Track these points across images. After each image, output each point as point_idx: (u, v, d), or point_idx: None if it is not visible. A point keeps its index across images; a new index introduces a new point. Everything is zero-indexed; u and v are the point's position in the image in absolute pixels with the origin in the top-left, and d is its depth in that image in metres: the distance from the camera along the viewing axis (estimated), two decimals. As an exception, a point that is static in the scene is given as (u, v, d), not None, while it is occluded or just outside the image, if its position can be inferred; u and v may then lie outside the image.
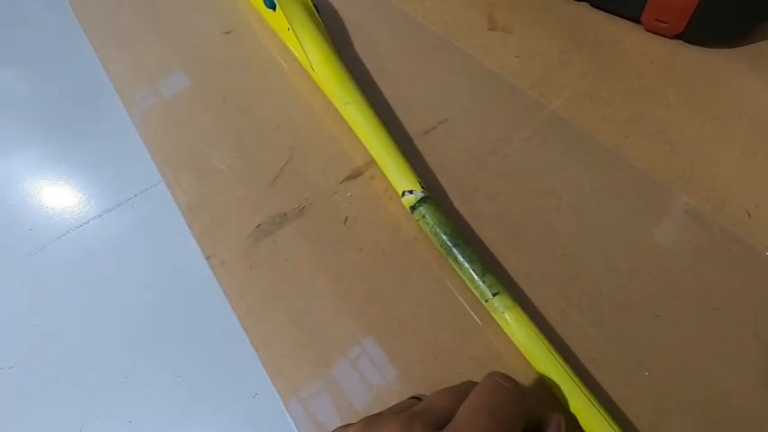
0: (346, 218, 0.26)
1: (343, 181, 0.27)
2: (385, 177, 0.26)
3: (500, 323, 0.21)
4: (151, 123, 0.33)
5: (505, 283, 0.22)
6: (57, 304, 1.03)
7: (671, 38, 0.32)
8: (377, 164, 0.27)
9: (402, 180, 0.25)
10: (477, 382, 0.15)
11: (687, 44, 0.32)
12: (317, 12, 0.35)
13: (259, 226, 0.26)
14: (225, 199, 0.28)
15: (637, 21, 0.33)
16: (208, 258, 0.25)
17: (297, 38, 0.31)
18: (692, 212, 0.24)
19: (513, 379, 0.15)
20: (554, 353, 0.19)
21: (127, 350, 0.96)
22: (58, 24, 1.64)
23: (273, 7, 0.33)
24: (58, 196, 1.22)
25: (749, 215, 0.23)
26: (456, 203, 0.26)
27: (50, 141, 1.34)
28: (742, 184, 0.25)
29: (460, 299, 0.23)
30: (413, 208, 0.24)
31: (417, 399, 0.17)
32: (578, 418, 0.18)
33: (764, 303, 0.21)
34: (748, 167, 0.25)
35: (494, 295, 0.21)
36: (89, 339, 0.98)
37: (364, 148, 0.28)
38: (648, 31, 0.33)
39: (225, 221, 0.27)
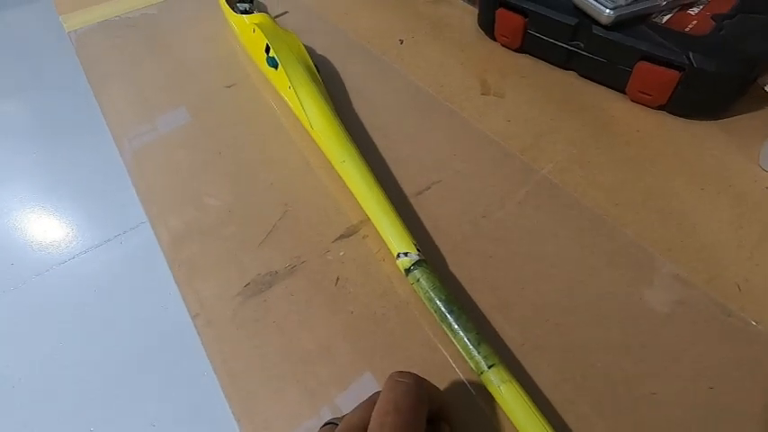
0: (338, 278, 0.26)
1: (336, 239, 0.27)
2: (379, 237, 0.26)
3: (495, 396, 0.20)
4: (142, 167, 0.33)
5: (499, 351, 0.21)
6: (28, 345, 0.99)
7: (655, 108, 0.34)
8: (371, 222, 0.27)
9: (398, 241, 0.25)
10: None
11: (670, 114, 0.33)
12: (318, 71, 0.36)
13: (248, 284, 0.26)
14: (214, 254, 0.27)
15: (622, 92, 0.35)
16: (194, 317, 0.24)
17: (297, 96, 0.32)
18: (683, 283, 0.24)
19: (410, 373, 0.17)
20: (550, 430, 0.19)
21: (100, 396, 0.91)
22: (57, 60, 1.68)
23: (276, 66, 0.35)
24: (44, 230, 1.20)
25: (739, 288, 0.24)
26: (450, 267, 0.26)
27: (40, 174, 1.34)
28: (730, 256, 0.25)
29: (454, 366, 0.22)
30: (407, 271, 0.24)
31: (334, 423, 0.18)
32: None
33: (760, 381, 0.21)
34: (735, 239, 0.26)
35: (489, 367, 0.20)
36: (61, 382, 0.93)
37: (359, 206, 0.28)
38: (633, 101, 0.34)
39: (213, 278, 0.26)
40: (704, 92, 0.31)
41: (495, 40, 0.41)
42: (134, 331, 0.99)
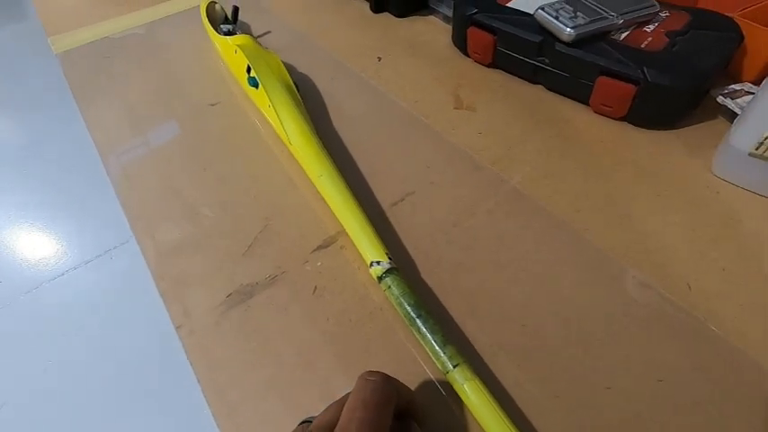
0: (315, 287, 0.27)
1: (314, 250, 0.29)
2: (354, 247, 0.28)
3: (459, 394, 0.22)
4: (128, 183, 0.35)
5: (467, 353, 0.23)
6: (17, 364, 0.98)
7: (616, 120, 0.36)
8: (347, 233, 0.28)
9: (370, 251, 0.26)
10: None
11: (631, 125, 0.35)
12: (298, 89, 0.38)
13: (230, 295, 0.27)
14: (198, 266, 0.29)
15: (586, 104, 0.37)
16: (177, 328, 0.25)
17: (276, 114, 0.34)
18: (639, 284, 0.26)
19: (378, 372, 0.18)
20: (510, 425, 0.20)
21: (89, 414, 0.90)
22: (44, 78, 1.69)
23: (256, 85, 0.36)
24: (33, 247, 1.20)
25: (689, 287, 0.25)
26: (422, 274, 0.27)
27: (28, 191, 1.34)
28: (682, 257, 0.27)
29: (425, 368, 0.23)
30: (380, 278, 0.25)
31: (308, 421, 0.19)
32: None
33: (705, 373, 0.22)
34: (688, 241, 0.28)
35: (454, 367, 0.22)
36: (49, 400, 0.92)
37: (336, 218, 0.29)
38: (596, 113, 0.36)
39: (197, 289, 0.27)
40: (659, 104, 0.33)
41: (468, 56, 0.43)
42: (126, 348, 0.99)
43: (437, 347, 0.22)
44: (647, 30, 0.35)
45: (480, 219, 0.30)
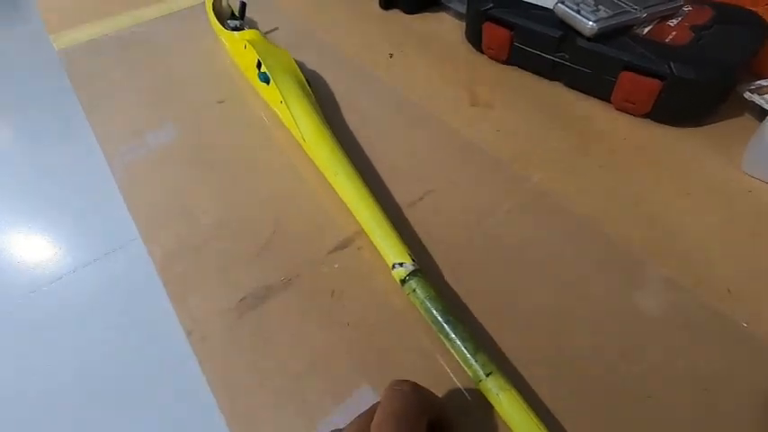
0: (333, 291, 0.26)
1: (331, 252, 0.27)
2: (373, 248, 0.26)
3: (494, 404, 0.20)
4: (133, 183, 0.33)
5: (498, 360, 0.21)
6: (17, 367, 0.96)
7: (639, 117, 0.35)
8: (365, 234, 0.27)
9: (392, 252, 0.25)
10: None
11: (655, 122, 0.34)
12: (309, 85, 0.36)
13: (243, 299, 0.25)
14: (208, 269, 0.27)
15: (608, 101, 0.36)
16: (188, 334, 0.24)
17: (289, 110, 0.33)
18: (673, 287, 0.25)
19: (407, 381, 0.17)
20: (549, 439, 0.19)
21: (91, 418, 0.89)
22: (46, 78, 1.67)
23: (267, 81, 0.35)
24: (33, 250, 1.18)
25: (729, 290, 0.24)
26: (445, 275, 0.26)
27: (28, 193, 1.32)
28: (717, 258, 0.26)
29: (452, 375, 0.22)
30: (403, 281, 0.24)
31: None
32: None
33: (752, 382, 0.21)
34: (722, 242, 0.26)
35: (487, 375, 0.20)
36: (50, 404, 0.91)
37: (353, 217, 0.28)
38: (618, 110, 0.35)
39: (207, 294, 0.26)
40: (686, 100, 0.32)
41: (482, 52, 0.42)
42: (127, 351, 0.97)
43: (468, 355, 0.21)
44: (671, 24, 0.34)
45: (501, 218, 0.29)
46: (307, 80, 0.36)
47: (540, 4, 0.38)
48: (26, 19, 2.09)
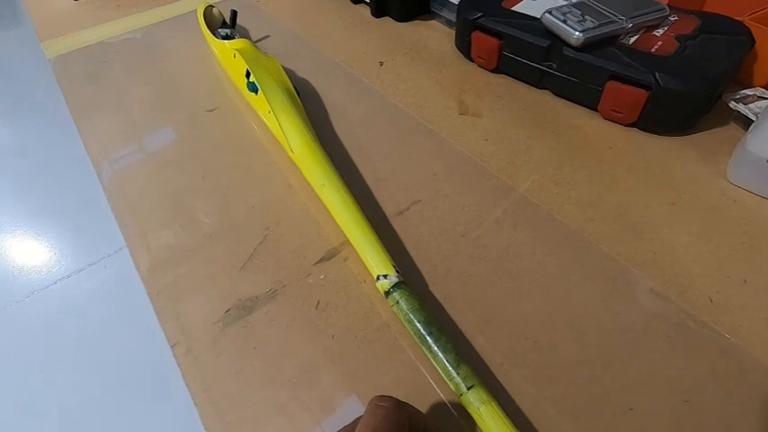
0: (318, 302, 0.26)
1: (317, 263, 0.27)
2: (359, 259, 0.26)
3: (475, 418, 0.20)
4: (121, 191, 0.33)
5: (480, 370, 0.21)
6: (8, 373, 0.95)
7: (626, 126, 0.35)
8: (352, 245, 0.27)
9: (377, 264, 0.25)
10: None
11: (642, 131, 0.34)
12: (299, 94, 0.36)
13: (228, 311, 0.25)
14: (194, 280, 0.27)
15: (595, 110, 0.36)
16: (173, 346, 0.24)
17: (277, 120, 0.33)
18: (657, 297, 0.25)
19: (390, 397, 0.17)
20: (530, 453, 0.19)
21: (80, 425, 0.88)
22: (38, 84, 1.67)
23: (256, 90, 0.35)
24: (25, 256, 1.17)
25: (711, 300, 0.24)
26: (430, 286, 0.26)
27: (20, 199, 1.32)
28: (701, 269, 0.26)
29: (436, 388, 0.22)
30: (387, 293, 0.24)
31: None
32: None
33: (733, 393, 0.21)
34: (706, 252, 0.27)
35: (468, 389, 0.20)
36: (40, 410, 0.90)
37: (340, 228, 0.28)
38: (606, 119, 0.35)
39: (193, 305, 0.26)
40: (672, 109, 0.32)
41: (471, 61, 0.42)
42: (118, 359, 0.97)
43: (450, 368, 0.21)
44: (657, 34, 0.35)
45: (488, 228, 0.29)
46: (296, 89, 0.37)
47: (528, 13, 0.38)
48: (20, 21, 2.09)
